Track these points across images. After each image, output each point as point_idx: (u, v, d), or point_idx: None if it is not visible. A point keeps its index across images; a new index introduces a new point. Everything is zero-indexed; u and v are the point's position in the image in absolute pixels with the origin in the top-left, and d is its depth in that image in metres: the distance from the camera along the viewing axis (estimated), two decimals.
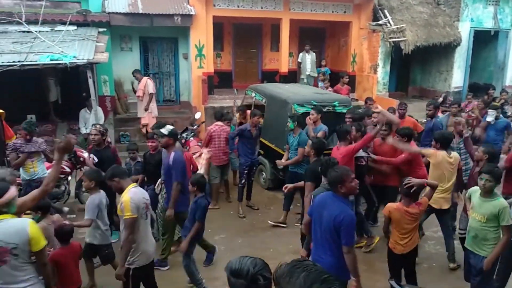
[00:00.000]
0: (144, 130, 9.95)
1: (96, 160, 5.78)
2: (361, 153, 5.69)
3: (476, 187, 4.17)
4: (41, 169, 6.17)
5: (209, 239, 6.05)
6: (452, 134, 5.77)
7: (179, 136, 6.37)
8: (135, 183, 4.18)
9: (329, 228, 3.46)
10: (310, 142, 5.33)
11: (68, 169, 6.85)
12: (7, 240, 2.91)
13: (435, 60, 13.84)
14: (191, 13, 10.56)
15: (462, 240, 4.88)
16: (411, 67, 14.80)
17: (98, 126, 6.06)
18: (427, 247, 5.91)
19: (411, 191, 4.11)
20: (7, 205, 3.01)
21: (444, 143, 5.18)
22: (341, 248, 3.44)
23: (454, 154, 5.26)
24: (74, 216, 6.47)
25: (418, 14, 12.91)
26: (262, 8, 11.55)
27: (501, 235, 3.94)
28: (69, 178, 7.02)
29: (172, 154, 5.00)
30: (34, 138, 6.07)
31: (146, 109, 9.70)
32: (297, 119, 6.57)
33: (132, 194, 3.85)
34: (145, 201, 3.98)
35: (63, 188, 6.91)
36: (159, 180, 5.59)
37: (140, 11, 10.12)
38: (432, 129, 6.80)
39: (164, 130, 5.02)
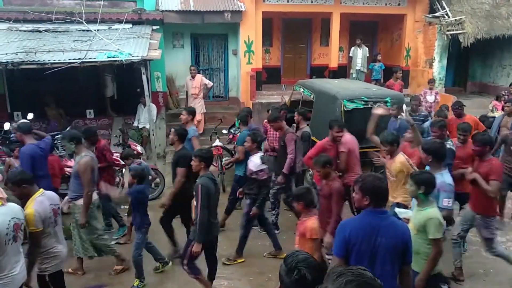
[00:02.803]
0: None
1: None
2: (261, 166, 5.24)
3: None
4: None
5: (256, 234, 6.04)
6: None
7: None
8: (42, 190, 3.75)
9: (395, 253, 2.81)
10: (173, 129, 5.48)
11: (122, 162, 7.13)
12: (19, 216, 3.32)
13: (497, 54, 12.98)
14: (241, 9, 10.63)
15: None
16: (470, 61, 13.97)
17: (14, 124, 5.83)
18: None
19: None
20: None
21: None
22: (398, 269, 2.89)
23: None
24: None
25: (479, 5, 12.15)
26: (312, 2, 11.39)
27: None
28: (123, 170, 7.30)
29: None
30: None
31: (204, 97, 10.02)
32: (241, 118, 6.54)
33: (37, 205, 3.57)
34: (53, 207, 3.76)
35: (117, 179, 7.20)
36: (66, 198, 5.06)
37: (192, 9, 10.32)
38: (397, 130, 5.90)
39: (15, 124, 5.14)
